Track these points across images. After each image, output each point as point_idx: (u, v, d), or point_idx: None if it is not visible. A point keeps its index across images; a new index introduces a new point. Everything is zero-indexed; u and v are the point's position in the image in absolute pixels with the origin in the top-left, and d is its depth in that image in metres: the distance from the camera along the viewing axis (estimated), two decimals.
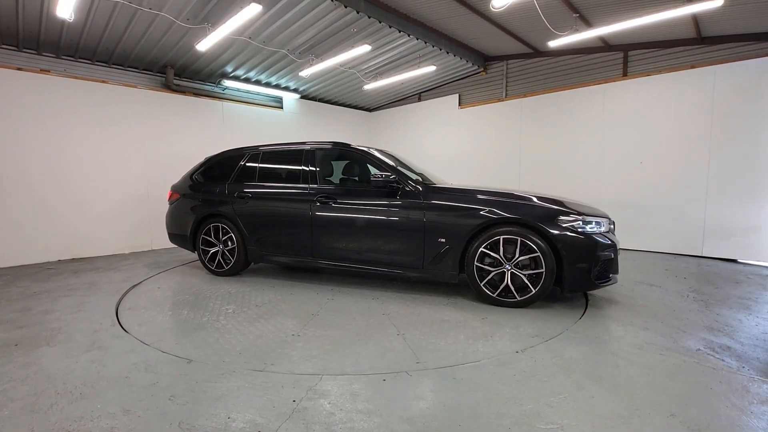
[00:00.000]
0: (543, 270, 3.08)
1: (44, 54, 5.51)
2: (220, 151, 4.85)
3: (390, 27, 5.43)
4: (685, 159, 5.54)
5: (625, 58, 6.10)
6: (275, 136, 7.84)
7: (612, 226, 3.36)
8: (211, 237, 4.48)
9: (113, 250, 5.97)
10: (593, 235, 3.08)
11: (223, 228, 4.39)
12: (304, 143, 4.29)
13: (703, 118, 5.38)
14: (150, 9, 4.62)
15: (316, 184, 4.00)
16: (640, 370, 2.23)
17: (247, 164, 4.45)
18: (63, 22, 4.74)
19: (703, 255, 5.45)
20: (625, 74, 6.10)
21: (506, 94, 7.45)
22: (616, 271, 3.26)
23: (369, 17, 5.11)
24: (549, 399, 1.93)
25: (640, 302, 3.45)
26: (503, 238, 3.17)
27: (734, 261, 5.22)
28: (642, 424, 1.73)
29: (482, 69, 7.58)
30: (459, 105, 8.12)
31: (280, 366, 2.31)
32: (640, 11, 4.70)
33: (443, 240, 3.37)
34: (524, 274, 3.15)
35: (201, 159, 6.88)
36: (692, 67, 5.47)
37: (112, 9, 4.61)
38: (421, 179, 3.83)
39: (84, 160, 5.68)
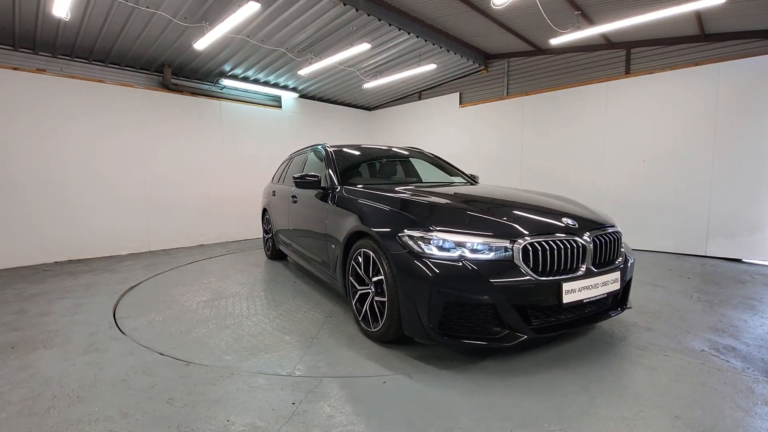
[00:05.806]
0: (386, 299, 2.39)
1: (40, 53, 5.48)
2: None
3: (390, 25, 5.39)
4: (688, 157, 5.50)
5: (627, 55, 6.05)
6: (274, 136, 7.83)
7: (516, 245, 2.11)
8: (265, 226, 5.63)
9: (110, 252, 5.93)
10: (442, 261, 2.11)
11: (268, 219, 5.37)
12: (306, 147, 4.81)
13: (707, 116, 5.33)
14: (147, 8, 4.59)
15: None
16: (643, 371, 2.21)
17: (283, 167, 5.27)
18: (59, 21, 4.71)
19: (707, 255, 5.41)
20: (627, 72, 6.05)
21: (507, 93, 7.41)
22: (512, 326, 2.08)
23: (368, 15, 5.07)
24: (551, 401, 1.91)
25: (644, 302, 3.42)
26: (363, 252, 2.62)
27: (739, 261, 5.17)
28: (646, 426, 1.71)
29: (483, 67, 7.54)
30: (460, 104, 8.08)
31: (126, 321, 3.09)
32: (643, 8, 4.66)
33: (333, 246, 3.07)
34: (377, 301, 2.53)
35: (201, 159, 6.98)
36: (696, 64, 5.42)
37: (108, 8, 4.57)
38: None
39: (81, 160, 5.65)
